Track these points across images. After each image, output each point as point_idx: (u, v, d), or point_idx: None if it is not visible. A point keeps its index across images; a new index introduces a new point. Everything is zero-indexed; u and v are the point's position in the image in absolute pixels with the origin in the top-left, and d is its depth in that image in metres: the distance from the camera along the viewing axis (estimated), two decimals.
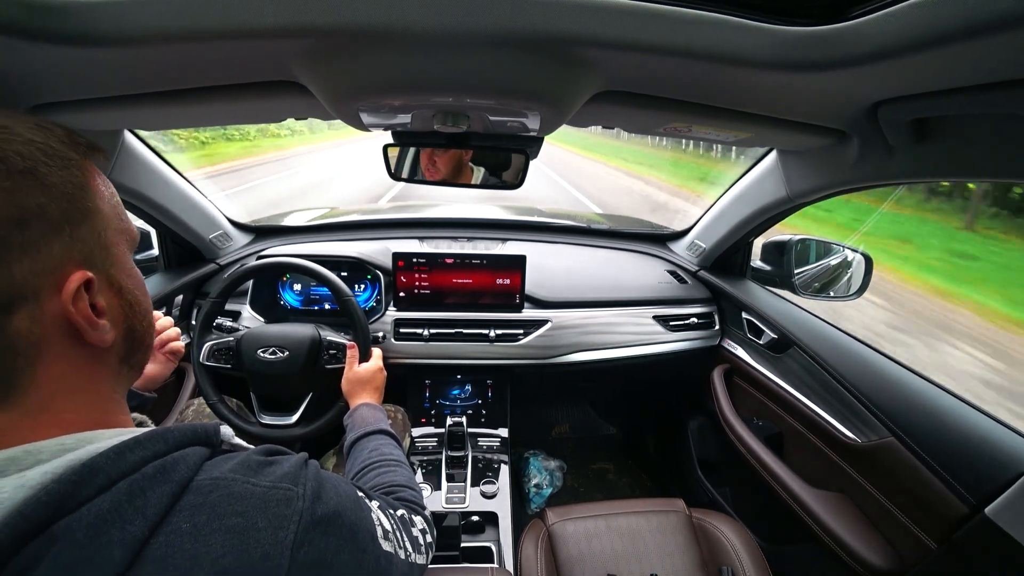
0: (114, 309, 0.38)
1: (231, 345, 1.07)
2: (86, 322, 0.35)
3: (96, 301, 0.36)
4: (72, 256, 0.35)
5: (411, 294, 1.28)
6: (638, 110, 0.68)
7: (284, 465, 0.39)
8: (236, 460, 0.38)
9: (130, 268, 0.41)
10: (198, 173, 8.83)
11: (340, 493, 0.43)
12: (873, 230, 6.53)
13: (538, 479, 1.76)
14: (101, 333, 0.36)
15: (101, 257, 0.37)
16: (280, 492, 0.36)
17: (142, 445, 0.33)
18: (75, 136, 0.37)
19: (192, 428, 0.38)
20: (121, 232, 0.40)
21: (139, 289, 0.42)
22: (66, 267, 0.34)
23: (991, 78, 0.46)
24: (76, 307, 0.34)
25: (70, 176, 0.35)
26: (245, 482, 0.36)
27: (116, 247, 0.39)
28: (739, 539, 1.04)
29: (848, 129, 0.74)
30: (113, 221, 0.39)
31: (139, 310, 0.41)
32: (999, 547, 0.67)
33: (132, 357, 0.42)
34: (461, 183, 0.93)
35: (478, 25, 0.44)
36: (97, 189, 0.38)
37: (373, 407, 0.89)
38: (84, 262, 0.35)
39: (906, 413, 0.85)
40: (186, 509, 0.32)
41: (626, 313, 1.36)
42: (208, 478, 0.35)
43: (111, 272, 0.38)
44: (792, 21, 0.45)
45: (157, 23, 0.44)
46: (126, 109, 0.69)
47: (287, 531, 0.35)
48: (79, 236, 0.35)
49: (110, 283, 0.38)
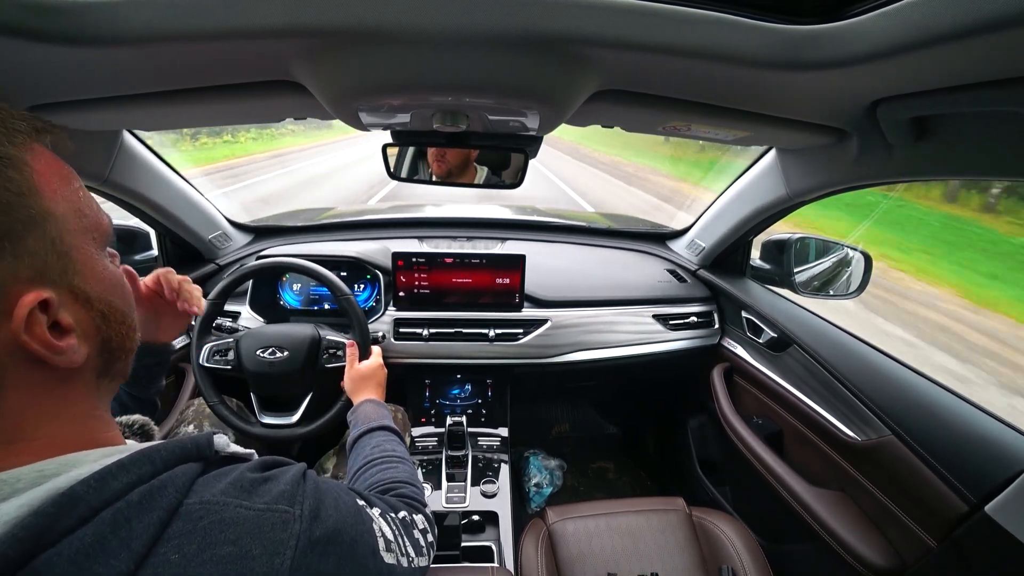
0: (83, 323, 0.34)
1: (231, 346, 1.07)
2: (45, 348, 0.30)
3: (59, 318, 0.31)
4: (18, 276, 0.29)
5: (410, 294, 1.28)
6: (637, 109, 0.68)
7: (280, 482, 0.37)
8: (228, 479, 0.35)
9: (100, 271, 0.36)
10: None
11: (340, 507, 0.41)
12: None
13: (538, 478, 1.76)
14: (68, 355, 0.32)
15: (58, 268, 0.32)
16: (275, 515, 0.34)
17: (126, 469, 0.31)
18: (9, 121, 0.31)
19: (182, 445, 0.35)
20: (85, 231, 0.34)
21: (113, 293, 0.37)
22: (12, 290, 0.29)
23: (990, 76, 0.46)
24: (31, 334, 0.30)
25: (3, 181, 0.29)
26: (238, 506, 0.33)
27: (78, 251, 0.33)
28: (739, 538, 1.04)
29: (847, 127, 0.74)
30: (72, 221, 0.33)
31: (115, 318, 0.37)
32: (999, 545, 0.67)
33: (111, 368, 0.38)
34: (461, 183, 0.93)
35: (477, 24, 0.44)
36: (45, 188, 0.31)
37: (376, 403, 0.89)
38: (35, 280, 0.30)
39: (906, 411, 0.85)
40: (175, 538, 0.30)
41: (626, 312, 1.36)
42: (198, 502, 0.32)
43: (74, 282, 0.33)
44: (791, 20, 0.45)
45: (155, 23, 0.44)
46: (124, 109, 0.69)
47: (283, 557, 0.33)
48: (24, 250, 0.30)
49: (74, 295, 0.33)
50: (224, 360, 1.06)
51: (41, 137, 0.33)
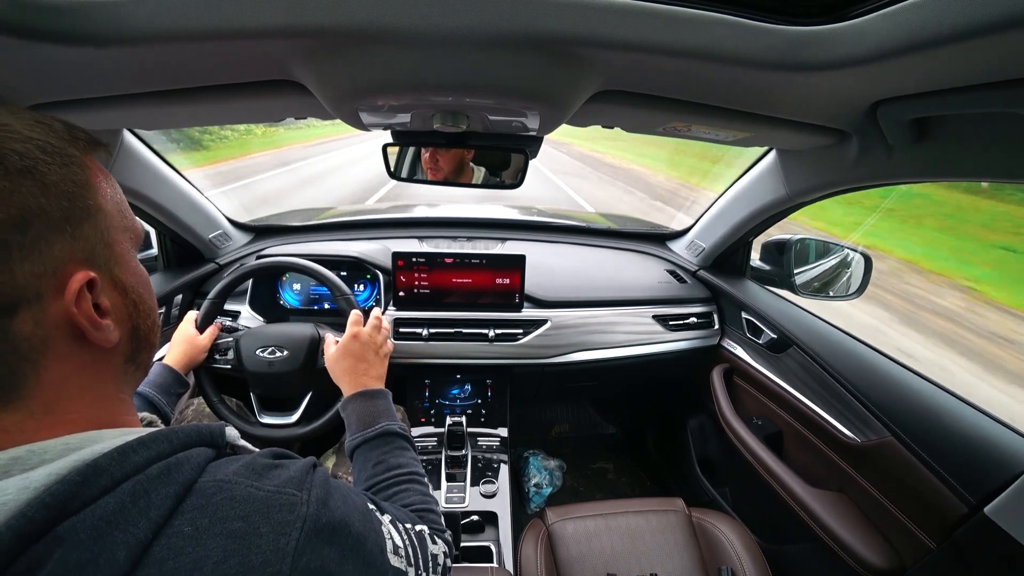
0: (118, 308, 0.38)
1: (230, 345, 1.06)
2: (89, 323, 0.34)
3: (100, 301, 0.35)
4: (74, 256, 0.34)
5: (410, 294, 1.28)
6: (637, 109, 0.68)
7: (290, 469, 0.39)
8: (241, 462, 0.37)
9: (134, 266, 0.41)
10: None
11: (349, 503, 0.41)
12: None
13: (538, 479, 1.76)
14: (105, 333, 0.36)
15: (104, 256, 0.36)
16: (284, 497, 0.36)
17: (146, 445, 0.33)
18: (75, 131, 0.37)
19: (197, 429, 0.37)
20: (125, 230, 0.40)
21: (143, 287, 0.41)
22: (68, 267, 0.33)
23: (990, 78, 0.46)
24: (79, 308, 0.34)
25: (70, 174, 0.34)
26: (249, 486, 0.35)
27: (119, 245, 0.38)
28: (739, 538, 1.04)
29: (847, 129, 0.74)
30: (116, 219, 0.38)
31: (143, 309, 0.41)
32: (999, 546, 0.67)
33: (138, 356, 0.41)
34: (461, 183, 0.93)
35: (477, 25, 0.44)
36: (99, 186, 0.37)
37: (366, 397, 0.77)
38: (86, 261, 0.35)
39: (905, 412, 0.85)
40: (189, 511, 0.32)
41: (625, 313, 1.36)
42: (212, 480, 0.34)
43: (114, 271, 0.37)
44: (791, 21, 0.45)
45: (155, 23, 0.44)
46: (125, 109, 0.69)
47: (289, 538, 0.34)
48: (81, 235, 0.34)
49: (114, 282, 0.37)
50: (224, 359, 1.06)
51: (95, 151, 0.38)
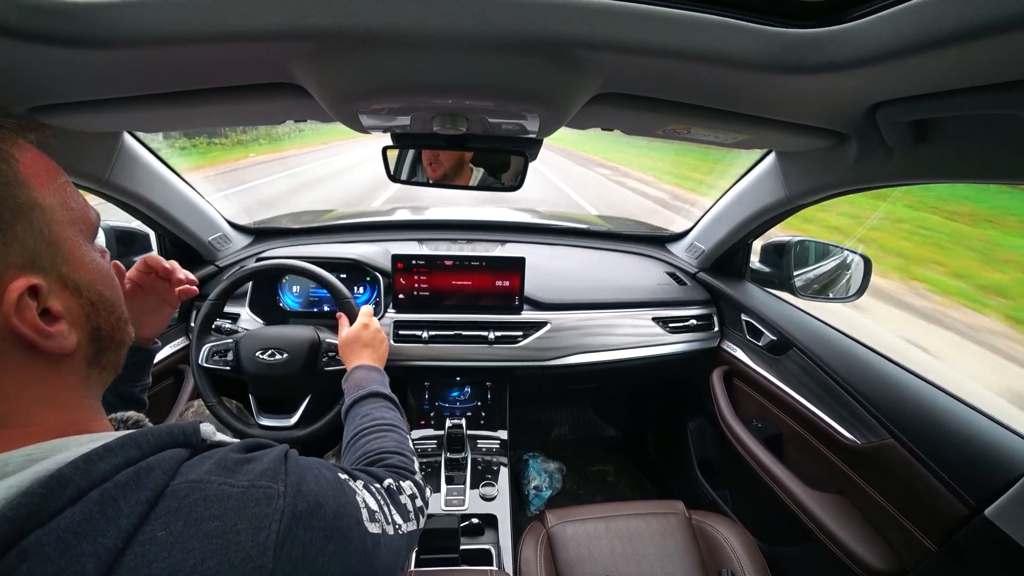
0: (73, 311, 0.35)
1: (230, 347, 1.06)
2: (36, 333, 0.32)
3: (49, 305, 0.33)
4: (9, 262, 0.31)
5: (410, 296, 1.28)
6: (637, 112, 0.68)
7: (263, 461, 0.38)
8: (213, 460, 0.36)
9: (88, 261, 0.37)
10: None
11: (321, 482, 0.41)
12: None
13: (537, 481, 1.76)
14: (58, 341, 0.33)
15: (48, 256, 0.34)
16: (259, 491, 0.35)
17: (114, 452, 0.32)
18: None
19: (168, 430, 0.36)
20: (72, 223, 0.36)
21: (102, 283, 0.38)
22: (3, 276, 0.31)
23: (990, 80, 0.47)
24: (22, 319, 0.31)
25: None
26: (222, 483, 0.34)
27: (66, 241, 0.35)
28: (739, 541, 1.04)
29: (847, 131, 0.74)
30: (59, 212, 0.35)
31: (103, 307, 0.38)
32: (999, 549, 0.67)
33: (102, 358, 0.39)
34: (460, 185, 0.93)
35: (477, 28, 0.44)
36: (31, 179, 0.34)
37: (369, 368, 0.86)
38: (26, 266, 0.32)
39: (905, 414, 0.85)
40: (161, 516, 0.31)
41: (625, 315, 1.36)
42: (184, 482, 0.33)
43: (63, 270, 0.35)
44: (791, 23, 0.45)
45: (155, 25, 0.44)
46: (125, 111, 0.69)
47: (269, 531, 0.33)
48: (14, 238, 0.32)
49: (64, 283, 0.35)
50: (223, 361, 1.06)
51: (26, 134, 0.35)
